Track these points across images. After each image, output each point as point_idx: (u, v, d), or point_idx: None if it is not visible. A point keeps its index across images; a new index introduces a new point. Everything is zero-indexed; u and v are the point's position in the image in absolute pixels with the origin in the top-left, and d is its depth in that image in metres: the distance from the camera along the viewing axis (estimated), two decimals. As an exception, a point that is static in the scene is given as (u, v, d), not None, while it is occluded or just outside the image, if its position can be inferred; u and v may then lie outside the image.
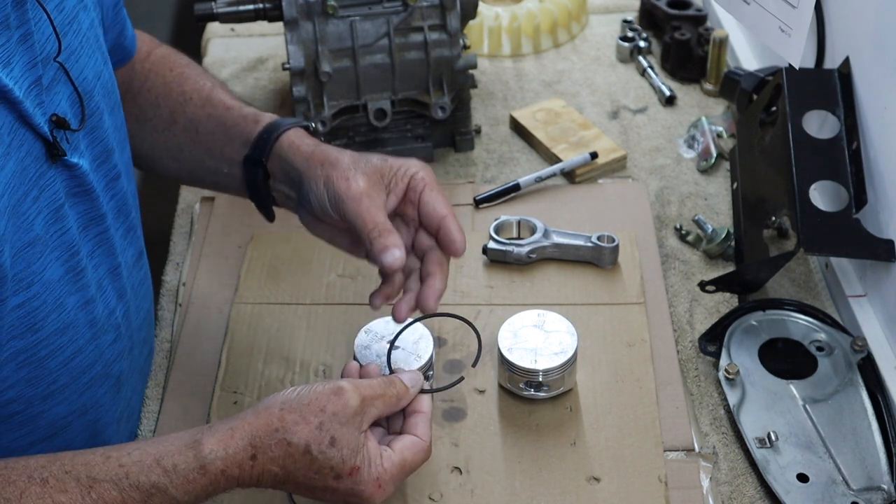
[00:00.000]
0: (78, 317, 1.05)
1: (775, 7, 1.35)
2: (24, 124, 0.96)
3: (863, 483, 1.12)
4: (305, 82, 1.49)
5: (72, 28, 1.04)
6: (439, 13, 1.50)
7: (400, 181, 1.11)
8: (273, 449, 0.96)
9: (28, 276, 0.98)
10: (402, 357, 1.16)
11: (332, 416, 0.97)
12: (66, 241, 1.02)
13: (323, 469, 0.97)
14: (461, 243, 1.10)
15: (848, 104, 1.36)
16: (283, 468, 0.96)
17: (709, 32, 1.69)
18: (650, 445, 1.17)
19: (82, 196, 1.05)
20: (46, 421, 1.06)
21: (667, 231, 1.46)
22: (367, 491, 0.98)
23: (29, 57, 0.96)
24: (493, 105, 1.69)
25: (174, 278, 1.42)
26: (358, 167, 1.10)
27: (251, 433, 0.96)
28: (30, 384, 1.03)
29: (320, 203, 1.11)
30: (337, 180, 1.09)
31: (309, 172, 1.12)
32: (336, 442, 0.97)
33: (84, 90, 1.04)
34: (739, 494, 1.14)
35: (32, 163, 0.97)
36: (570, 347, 1.19)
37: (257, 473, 0.96)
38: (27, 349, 1.01)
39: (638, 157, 1.58)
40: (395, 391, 1.03)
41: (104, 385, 1.12)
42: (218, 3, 1.53)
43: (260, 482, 0.97)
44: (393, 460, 1.00)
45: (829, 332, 1.27)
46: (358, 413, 0.99)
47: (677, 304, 1.35)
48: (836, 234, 1.28)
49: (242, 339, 1.30)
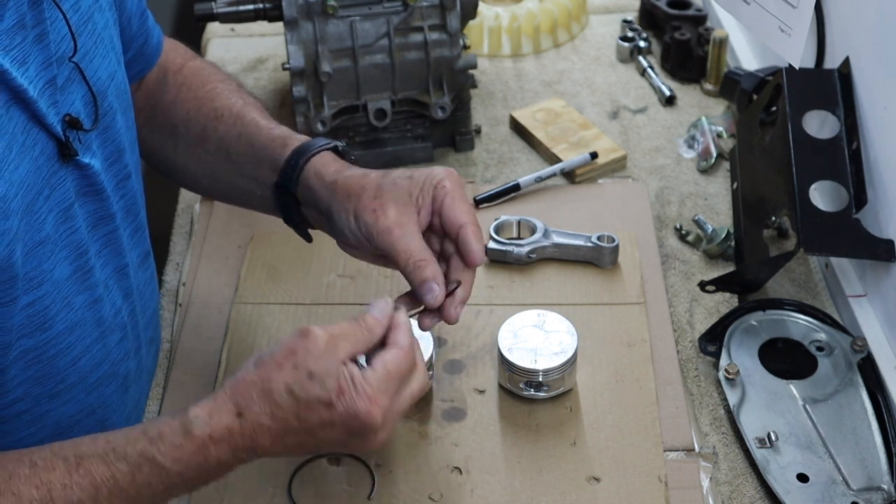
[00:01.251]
0: (85, 316, 1.06)
1: (775, 7, 1.35)
2: (38, 124, 0.96)
3: (863, 483, 1.12)
4: (305, 82, 1.49)
5: (87, 28, 1.04)
6: (439, 13, 1.50)
7: (427, 195, 1.08)
8: (256, 402, 0.95)
9: (38, 275, 0.98)
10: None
11: (305, 353, 0.96)
12: (75, 241, 1.02)
13: (311, 404, 0.95)
14: (478, 253, 1.08)
15: (848, 104, 1.36)
16: (273, 417, 0.95)
17: (709, 32, 1.69)
18: (650, 445, 1.17)
19: (92, 196, 1.05)
20: (53, 420, 1.06)
21: (667, 231, 1.46)
22: (363, 407, 0.95)
23: (44, 57, 0.96)
24: (493, 105, 1.69)
25: (174, 278, 1.42)
26: (384, 195, 1.07)
27: (232, 394, 0.95)
28: (38, 383, 1.03)
29: (353, 235, 1.08)
30: (364, 213, 1.07)
31: (336, 205, 1.09)
32: (314, 374, 0.95)
33: (98, 90, 1.04)
34: (739, 494, 1.14)
35: (45, 162, 0.97)
36: (570, 347, 1.19)
37: (249, 432, 0.95)
38: (36, 348, 1.01)
39: (638, 157, 1.58)
40: (365, 325, 1.00)
41: (111, 385, 1.12)
42: (218, 3, 1.53)
43: (256, 442, 0.95)
44: (376, 374, 0.97)
45: (829, 332, 1.27)
46: (330, 346, 0.96)
47: (677, 304, 1.35)
48: (836, 234, 1.28)
49: (242, 339, 1.30)
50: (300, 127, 1.52)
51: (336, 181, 1.10)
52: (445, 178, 1.09)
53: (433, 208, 1.09)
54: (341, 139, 1.55)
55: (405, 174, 1.10)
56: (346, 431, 0.97)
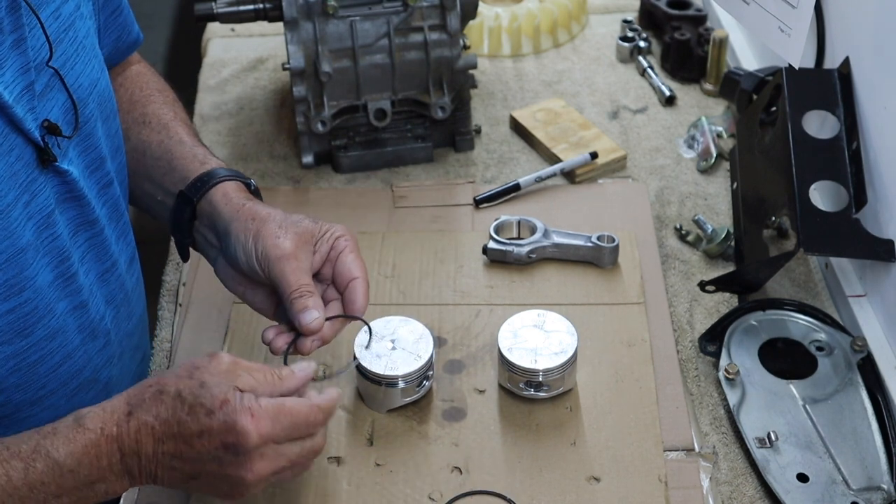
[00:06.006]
0: (67, 322, 1.06)
1: (775, 7, 1.35)
2: (15, 129, 0.96)
3: (863, 483, 1.12)
4: (305, 82, 1.49)
5: (67, 35, 1.04)
6: (439, 13, 1.50)
7: (326, 243, 1.11)
8: (147, 402, 0.96)
9: (20, 281, 0.98)
10: (401, 357, 1.16)
11: (203, 368, 0.97)
12: (57, 247, 1.03)
13: (194, 408, 0.95)
14: (363, 307, 1.11)
15: (848, 104, 1.36)
16: (157, 417, 0.95)
17: (709, 32, 1.69)
18: (650, 445, 1.17)
19: (73, 202, 1.05)
20: (34, 426, 1.06)
21: (667, 231, 1.46)
22: (241, 422, 0.94)
23: (22, 62, 0.96)
24: (493, 105, 1.69)
25: (174, 278, 1.42)
26: (288, 227, 1.10)
27: (128, 394, 0.97)
28: (18, 389, 1.03)
29: (247, 257, 1.10)
30: (266, 237, 1.09)
31: (237, 225, 1.11)
32: (205, 384, 0.96)
33: (79, 98, 1.05)
34: (739, 494, 1.14)
35: (23, 168, 0.97)
36: (570, 347, 1.19)
37: (134, 432, 0.95)
38: (17, 354, 1.01)
39: (638, 157, 1.58)
40: (278, 371, 1.01)
41: (91, 391, 1.12)
42: (218, 3, 1.53)
43: (139, 444, 0.95)
44: (270, 403, 0.97)
45: (829, 332, 1.27)
46: (230, 371, 0.98)
47: (677, 304, 1.35)
48: (836, 234, 1.28)
49: (242, 339, 1.30)
50: (300, 127, 1.52)
51: (244, 205, 1.13)
52: (347, 234, 1.13)
53: (329, 256, 1.12)
54: (341, 139, 1.55)
55: (311, 220, 1.13)
56: (222, 444, 0.96)
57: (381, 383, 1.17)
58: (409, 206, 1.49)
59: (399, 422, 1.20)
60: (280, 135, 1.64)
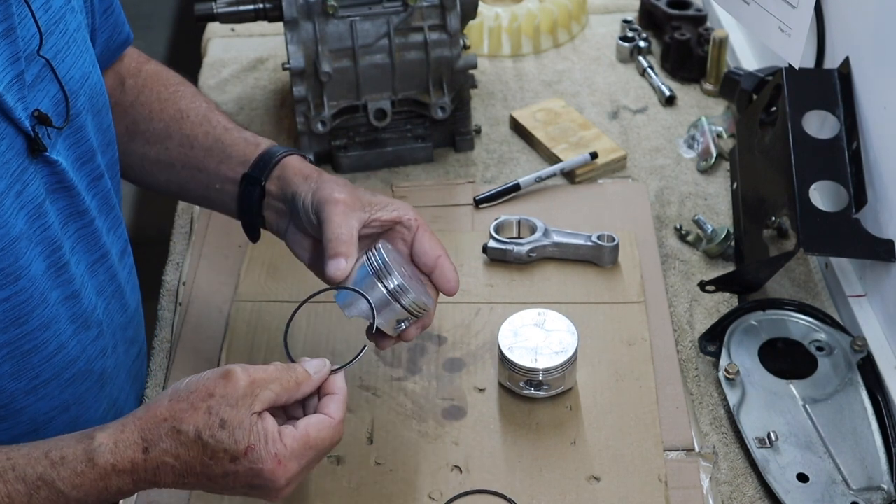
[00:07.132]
0: (60, 311, 1.06)
1: (775, 7, 1.35)
2: (5, 118, 0.97)
3: (863, 483, 1.12)
4: (305, 82, 1.49)
5: (58, 28, 1.05)
6: (439, 13, 1.50)
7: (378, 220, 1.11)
8: (164, 440, 0.94)
9: (16, 270, 0.99)
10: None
11: (221, 399, 0.95)
12: (49, 237, 1.04)
13: (217, 453, 0.94)
14: (456, 282, 1.12)
15: (848, 104, 1.36)
16: (178, 458, 0.94)
17: (709, 32, 1.69)
18: (650, 445, 1.17)
19: (63, 192, 1.06)
20: (29, 416, 1.07)
21: (667, 231, 1.46)
22: (267, 469, 0.94)
23: (11, 52, 0.97)
24: (493, 105, 1.69)
25: (174, 278, 1.42)
26: (348, 187, 1.12)
27: (141, 427, 0.94)
28: (13, 378, 1.04)
29: (304, 209, 1.12)
30: (323, 188, 1.11)
31: (303, 188, 1.13)
32: (226, 424, 0.94)
33: (70, 90, 1.06)
34: (739, 494, 1.14)
35: (14, 157, 0.98)
36: (570, 346, 1.19)
37: (152, 468, 0.94)
38: (11, 342, 1.02)
39: (638, 157, 1.58)
40: (294, 376, 0.99)
41: (87, 381, 1.13)
42: (218, 3, 1.53)
43: (158, 478, 0.95)
44: (295, 436, 0.96)
45: (829, 332, 1.27)
46: (248, 394, 0.95)
47: (677, 304, 1.35)
48: (836, 234, 1.28)
49: (242, 338, 1.30)
50: (300, 127, 1.52)
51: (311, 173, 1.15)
52: (411, 212, 1.13)
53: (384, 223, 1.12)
54: (341, 139, 1.55)
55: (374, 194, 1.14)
56: (249, 485, 0.96)
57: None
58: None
59: (399, 420, 1.20)
60: (280, 135, 1.64)
